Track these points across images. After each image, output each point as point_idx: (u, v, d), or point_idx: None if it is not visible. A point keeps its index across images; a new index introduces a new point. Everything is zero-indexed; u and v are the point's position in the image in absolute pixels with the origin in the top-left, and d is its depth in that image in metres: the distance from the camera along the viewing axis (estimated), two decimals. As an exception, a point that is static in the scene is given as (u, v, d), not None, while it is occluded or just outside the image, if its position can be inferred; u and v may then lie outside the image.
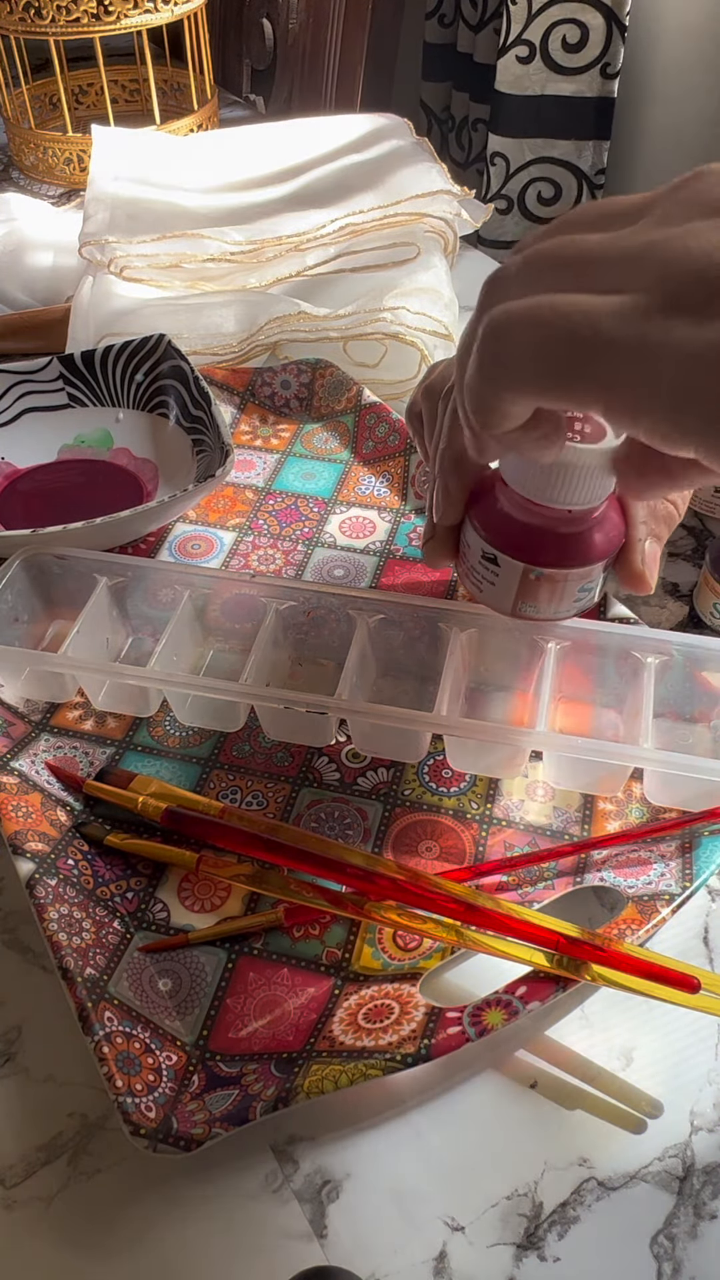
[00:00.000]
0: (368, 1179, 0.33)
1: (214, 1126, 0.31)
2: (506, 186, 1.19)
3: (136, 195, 0.73)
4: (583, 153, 1.16)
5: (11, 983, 0.38)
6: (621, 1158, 0.33)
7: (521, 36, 1.08)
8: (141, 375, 0.60)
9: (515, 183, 1.19)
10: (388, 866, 0.39)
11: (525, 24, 1.08)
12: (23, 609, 0.47)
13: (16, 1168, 0.33)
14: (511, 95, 1.13)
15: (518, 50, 1.10)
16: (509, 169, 1.18)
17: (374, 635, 0.45)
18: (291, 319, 0.63)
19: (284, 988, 0.37)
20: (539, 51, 1.09)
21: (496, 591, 0.37)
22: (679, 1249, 0.31)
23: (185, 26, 0.91)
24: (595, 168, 1.17)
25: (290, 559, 0.54)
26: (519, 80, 1.12)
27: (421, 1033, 0.33)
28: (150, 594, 0.47)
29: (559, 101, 1.13)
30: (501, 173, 1.19)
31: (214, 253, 0.67)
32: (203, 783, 0.44)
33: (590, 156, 1.16)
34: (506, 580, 0.36)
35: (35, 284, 0.74)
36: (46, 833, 0.40)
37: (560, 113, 1.13)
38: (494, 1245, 0.32)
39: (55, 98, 0.98)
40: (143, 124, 0.89)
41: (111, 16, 0.85)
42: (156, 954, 0.38)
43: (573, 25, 1.07)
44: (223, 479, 0.51)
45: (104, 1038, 0.33)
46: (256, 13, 1.24)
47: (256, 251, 0.68)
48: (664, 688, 0.42)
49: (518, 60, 1.10)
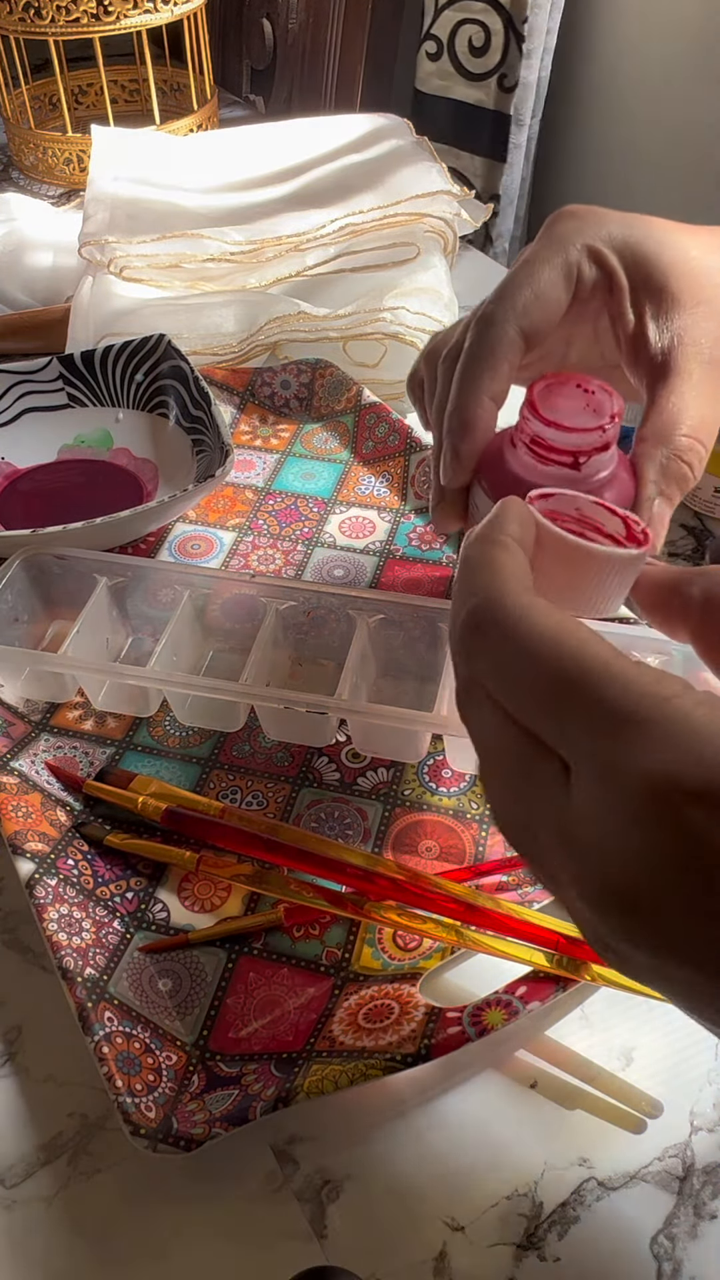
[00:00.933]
0: (368, 1179, 0.33)
1: (214, 1126, 0.31)
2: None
3: (136, 195, 0.73)
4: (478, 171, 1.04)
5: (11, 983, 0.38)
6: (621, 1158, 0.33)
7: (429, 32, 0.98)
8: (141, 375, 0.60)
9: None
10: (388, 866, 0.39)
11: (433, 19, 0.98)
12: (23, 609, 0.47)
13: (16, 1168, 0.33)
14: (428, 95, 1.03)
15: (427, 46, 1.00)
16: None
17: (374, 635, 0.45)
18: (291, 319, 0.63)
19: (284, 988, 0.37)
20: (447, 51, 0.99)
21: None
22: (679, 1249, 0.31)
23: (185, 26, 0.91)
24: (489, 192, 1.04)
25: (290, 559, 0.54)
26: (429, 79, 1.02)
27: (421, 1033, 0.33)
28: (150, 594, 0.47)
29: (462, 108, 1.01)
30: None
31: (214, 253, 0.67)
32: (203, 783, 0.44)
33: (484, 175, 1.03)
34: None
35: (35, 284, 0.74)
36: (46, 833, 0.40)
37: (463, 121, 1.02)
38: (494, 1245, 0.32)
39: (55, 98, 0.98)
40: (143, 124, 0.89)
41: (111, 16, 0.85)
42: (156, 954, 0.38)
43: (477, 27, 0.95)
44: (223, 479, 0.51)
45: (104, 1038, 0.33)
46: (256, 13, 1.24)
47: (256, 251, 0.68)
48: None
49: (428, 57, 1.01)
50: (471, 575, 0.23)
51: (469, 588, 0.23)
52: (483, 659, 0.22)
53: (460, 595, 0.24)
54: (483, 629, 0.22)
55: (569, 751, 0.21)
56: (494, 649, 0.22)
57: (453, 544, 0.54)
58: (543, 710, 0.21)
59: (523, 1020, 0.34)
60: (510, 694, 0.22)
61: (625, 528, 0.26)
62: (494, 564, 0.23)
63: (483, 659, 0.22)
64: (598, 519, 0.27)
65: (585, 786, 0.21)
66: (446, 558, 0.53)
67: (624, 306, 0.37)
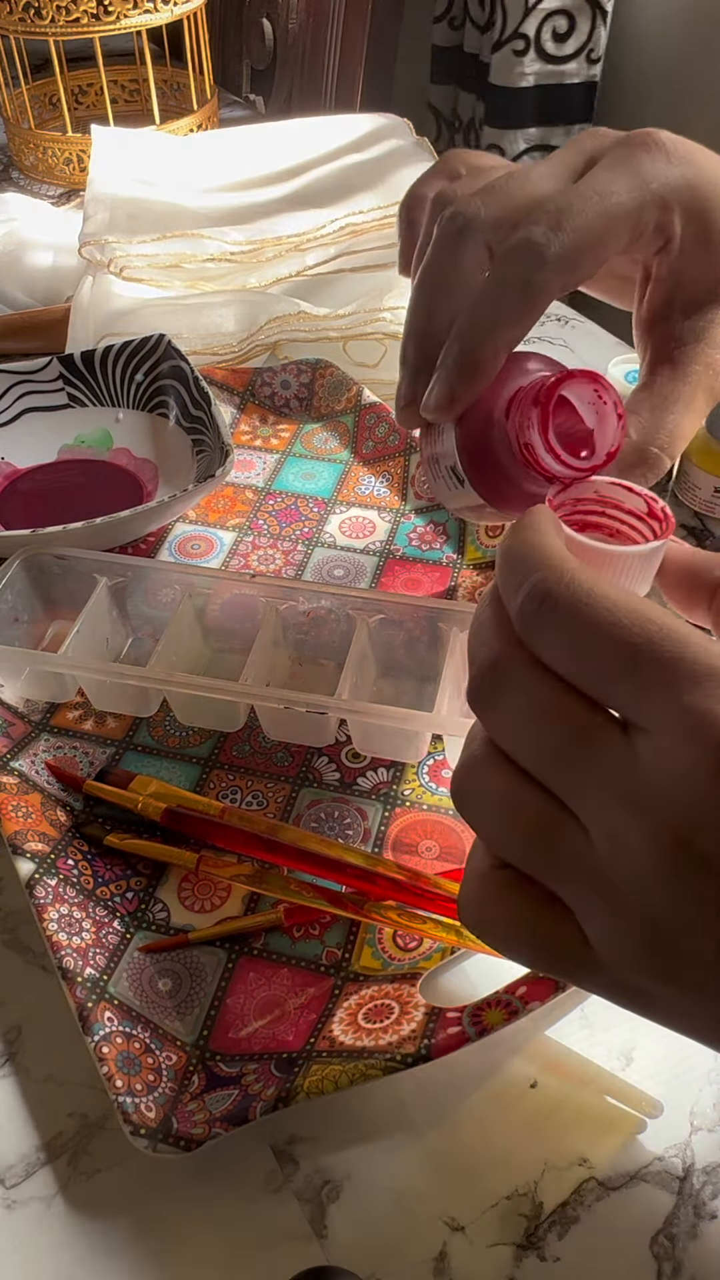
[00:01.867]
0: (368, 1179, 0.33)
1: (214, 1126, 0.31)
2: None
3: (136, 195, 0.73)
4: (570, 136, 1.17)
5: (11, 983, 0.38)
6: (621, 1158, 0.33)
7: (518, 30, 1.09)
8: (141, 375, 0.60)
9: None
10: (388, 866, 0.39)
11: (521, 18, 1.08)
12: (23, 609, 0.47)
13: (16, 1168, 0.33)
14: (505, 88, 1.14)
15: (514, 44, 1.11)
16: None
17: (374, 635, 0.45)
18: (291, 319, 0.63)
19: (284, 988, 0.37)
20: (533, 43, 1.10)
21: (448, 496, 0.36)
22: (679, 1249, 0.31)
23: (185, 26, 0.91)
24: None
25: (290, 559, 0.54)
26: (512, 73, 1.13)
27: (421, 1033, 0.33)
28: (150, 594, 0.47)
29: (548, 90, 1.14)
30: None
31: (214, 253, 0.67)
32: (203, 783, 0.44)
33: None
34: (462, 499, 0.35)
35: (35, 284, 0.74)
36: (46, 833, 0.40)
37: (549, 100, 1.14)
38: (494, 1245, 0.32)
39: (55, 98, 0.98)
40: (143, 124, 0.89)
41: (111, 16, 0.84)
42: (156, 954, 0.38)
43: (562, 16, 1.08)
44: (223, 479, 0.51)
45: (104, 1038, 0.33)
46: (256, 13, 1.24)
47: (256, 251, 0.68)
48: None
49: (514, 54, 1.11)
50: (521, 560, 0.23)
51: (521, 570, 0.23)
52: (553, 629, 0.22)
53: (511, 577, 0.23)
54: (553, 598, 0.22)
55: (646, 708, 0.21)
56: (567, 617, 0.22)
57: (452, 544, 0.54)
58: (623, 668, 0.21)
59: (523, 1020, 0.34)
60: (583, 659, 0.22)
61: (646, 505, 0.26)
62: (545, 547, 0.23)
63: (553, 629, 0.22)
64: (617, 498, 0.27)
65: (663, 744, 0.21)
66: (446, 558, 0.54)
67: (664, 271, 0.34)
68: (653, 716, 0.21)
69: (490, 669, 0.24)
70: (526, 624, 0.23)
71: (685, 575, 0.26)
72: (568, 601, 0.22)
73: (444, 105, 1.38)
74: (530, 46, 1.11)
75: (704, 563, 0.26)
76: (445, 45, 1.32)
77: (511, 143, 1.18)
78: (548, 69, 1.13)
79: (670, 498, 0.59)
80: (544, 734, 0.23)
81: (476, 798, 0.24)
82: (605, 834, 0.21)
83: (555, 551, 0.23)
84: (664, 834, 0.20)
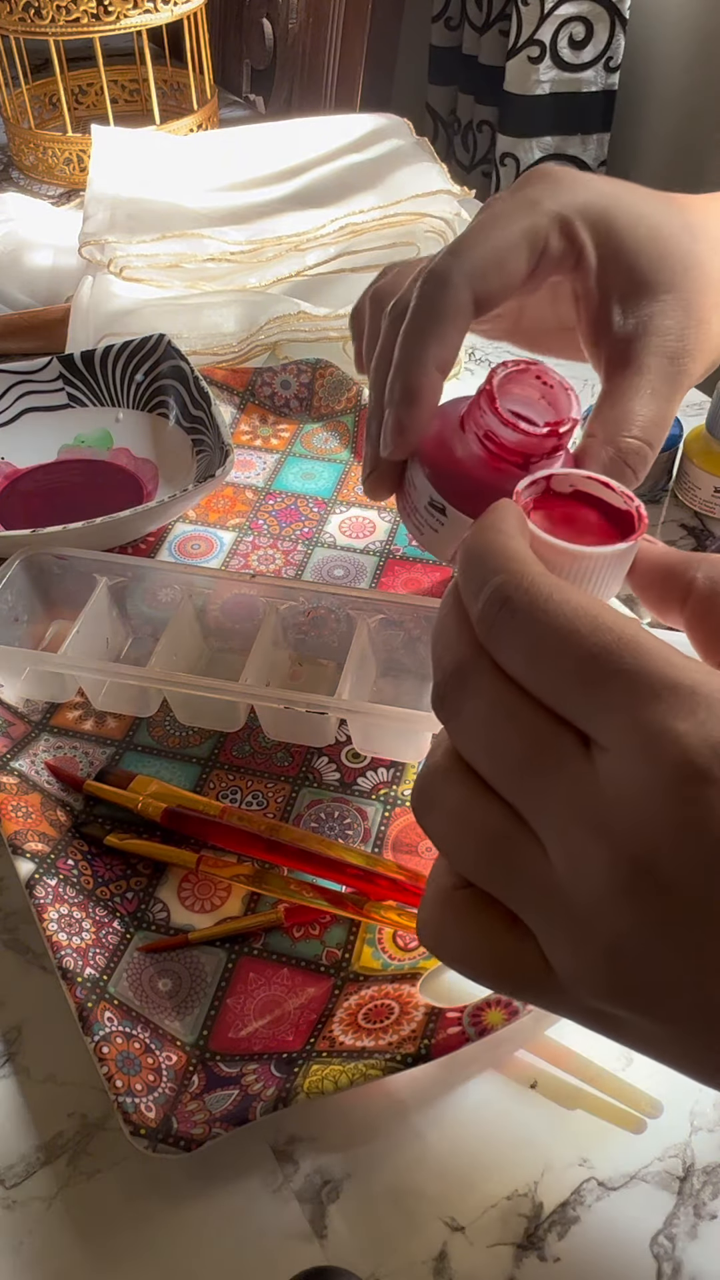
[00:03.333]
0: (368, 1179, 0.33)
1: (214, 1126, 0.31)
2: None
3: (136, 195, 0.73)
4: (587, 146, 1.17)
5: (11, 983, 0.38)
6: (621, 1158, 0.33)
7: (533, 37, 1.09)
8: (141, 375, 0.60)
9: None
10: (388, 866, 0.39)
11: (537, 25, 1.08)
12: (23, 609, 0.47)
13: (16, 1168, 0.33)
14: (520, 95, 1.13)
15: (529, 51, 1.10)
16: (519, 169, 1.19)
17: (374, 635, 0.45)
18: (291, 319, 0.63)
19: (284, 988, 0.37)
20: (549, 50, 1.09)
21: (439, 540, 0.36)
22: (679, 1249, 0.31)
23: (185, 26, 0.91)
24: (598, 159, 1.18)
25: (290, 559, 0.54)
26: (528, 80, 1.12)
27: (421, 1033, 0.33)
28: (150, 594, 0.47)
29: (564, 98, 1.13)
30: (511, 173, 1.19)
31: (214, 253, 0.67)
32: (203, 783, 0.44)
33: (594, 149, 1.17)
34: (452, 531, 0.35)
35: (35, 284, 0.74)
36: (46, 833, 0.40)
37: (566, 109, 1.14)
38: (494, 1245, 0.31)
39: (55, 98, 0.98)
40: (143, 124, 0.89)
41: (111, 16, 0.85)
42: (156, 954, 0.38)
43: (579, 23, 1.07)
44: (223, 479, 0.51)
45: (104, 1038, 0.33)
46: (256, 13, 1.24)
47: (256, 251, 0.68)
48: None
49: (529, 60, 1.10)
50: (482, 561, 0.22)
51: (482, 573, 0.22)
52: (511, 635, 0.21)
53: (472, 580, 0.23)
54: (512, 604, 0.21)
55: (603, 723, 0.20)
56: (524, 623, 0.21)
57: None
58: (581, 680, 0.20)
59: (523, 1020, 0.34)
60: (541, 668, 0.21)
61: (622, 503, 0.26)
62: (507, 550, 0.22)
63: (511, 635, 0.21)
64: (593, 492, 0.26)
65: (621, 761, 0.20)
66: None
67: (590, 285, 0.35)
68: (610, 732, 0.20)
69: (453, 675, 0.23)
70: (487, 630, 0.22)
71: (658, 575, 0.25)
72: (527, 607, 0.21)
73: (442, 106, 1.38)
74: (546, 53, 1.09)
75: (678, 563, 0.25)
76: (443, 45, 1.32)
77: (527, 151, 1.17)
78: (564, 76, 1.11)
79: (670, 498, 0.59)
80: (504, 745, 0.22)
81: (435, 808, 0.23)
82: (563, 853, 0.21)
83: (517, 553, 0.22)
84: (622, 856, 0.19)
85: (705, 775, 0.19)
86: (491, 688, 0.22)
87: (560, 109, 1.14)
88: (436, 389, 0.34)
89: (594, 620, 0.20)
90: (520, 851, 0.21)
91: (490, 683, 0.22)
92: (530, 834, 0.21)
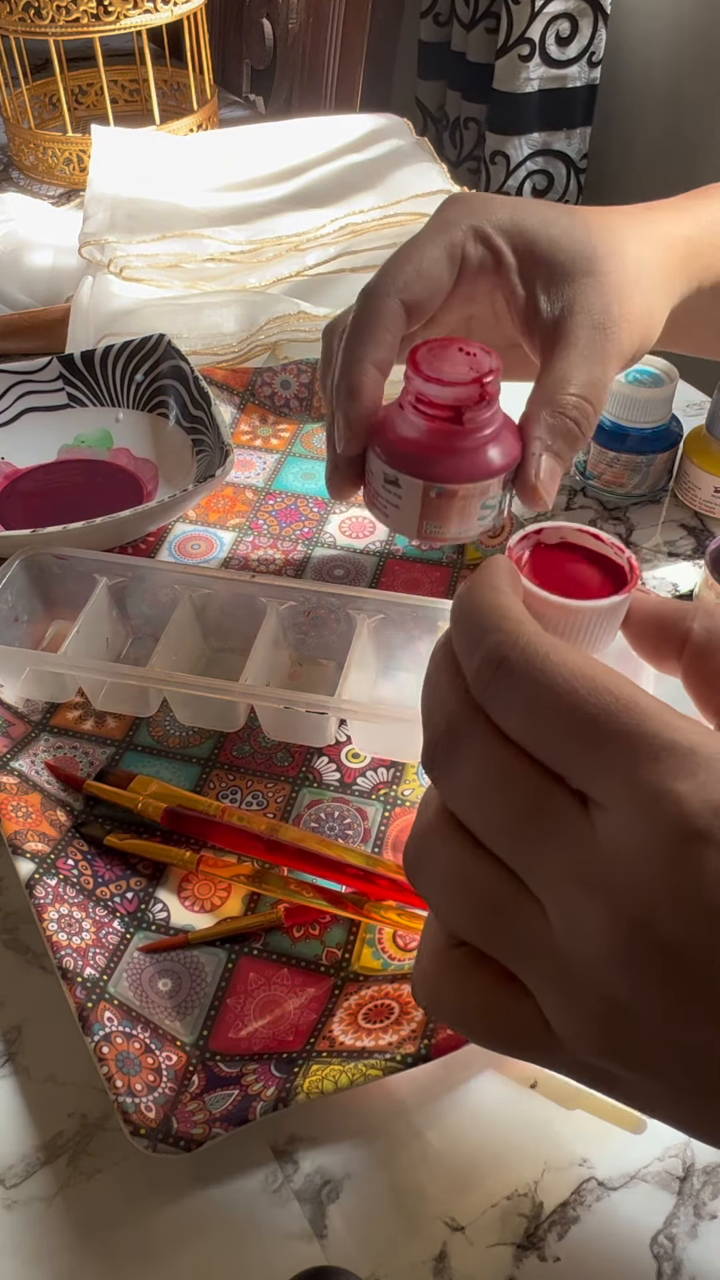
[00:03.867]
0: (368, 1179, 0.33)
1: (214, 1126, 0.31)
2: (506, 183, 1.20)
3: (136, 195, 0.73)
4: (571, 140, 1.17)
5: (11, 983, 0.38)
6: (621, 1158, 0.33)
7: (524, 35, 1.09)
8: (141, 375, 0.60)
9: (514, 178, 1.20)
10: (388, 866, 0.39)
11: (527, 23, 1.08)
12: (23, 609, 0.47)
13: (16, 1168, 0.33)
14: (509, 93, 1.13)
15: (519, 49, 1.10)
16: (509, 166, 1.19)
17: (374, 635, 0.45)
18: (291, 319, 0.63)
19: (284, 988, 0.37)
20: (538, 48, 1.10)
21: (401, 514, 0.37)
22: (679, 1249, 0.31)
23: (185, 26, 0.91)
24: (580, 152, 1.19)
25: (290, 559, 0.54)
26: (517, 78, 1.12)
27: (421, 1033, 0.33)
28: (150, 594, 0.47)
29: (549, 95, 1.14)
30: (502, 171, 1.19)
31: (214, 253, 0.67)
32: (203, 783, 0.44)
33: (577, 143, 1.18)
34: (409, 501, 0.36)
35: (35, 284, 0.74)
36: (46, 833, 0.40)
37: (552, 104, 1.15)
38: (494, 1245, 0.32)
39: (55, 98, 0.98)
40: (143, 124, 0.89)
41: (111, 16, 0.85)
42: (156, 954, 0.38)
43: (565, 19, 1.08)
44: (223, 479, 0.51)
45: (104, 1038, 0.33)
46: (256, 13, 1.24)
47: (256, 251, 0.68)
48: (665, 686, 0.42)
49: (519, 59, 1.11)
50: (477, 619, 0.22)
51: (477, 631, 0.22)
52: (508, 695, 0.21)
53: (466, 637, 0.23)
54: (509, 664, 0.21)
55: (602, 783, 0.20)
56: (522, 683, 0.21)
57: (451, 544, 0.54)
58: (580, 740, 0.20)
59: (523, 1020, 0.34)
60: (540, 728, 0.21)
61: (613, 555, 0.26)
62: (501, 608, 0.22)
63: (508, 695, 0.21)
64: (585, 544, 0.26)
65: (620, 821, 0.20)
66: (446, 558, 0.54)
67: (513, 282, 0.38)
68: (609, 792, 0.20)
69: (446, 734, 0.23)
70: (482, 689, 0.22)
71: (653, 626, 0.25)
72: (524, 667, 0.21)
73: (431, 101, 1.38)
74: (535, 51, 1.10)
75: (673, 613, 0.25)
76: (431, 41, 1.32)
77: (516, 149, 1.18)
78: (551, 73, 1.12)
79: (670, 498, 0.59)
80: (500, 805, 0.22)
81: (429, 869, 0.23)
82: (561, 913, 0.21)
83: (511, 611, 0.22)
84: (621, 916, 0.19)
85: (705, 835, 0.19)
86: (487, 747, 0.22)
87: (546, 105, 1.15)
88: (376, 383, 0.36)
89: (592, 681, 0.21)
90: (517, 911, 0.21)
91: (485, 742, 0.22)
92: (526, 893, 0.21)
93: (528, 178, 1.20)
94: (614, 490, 0.58)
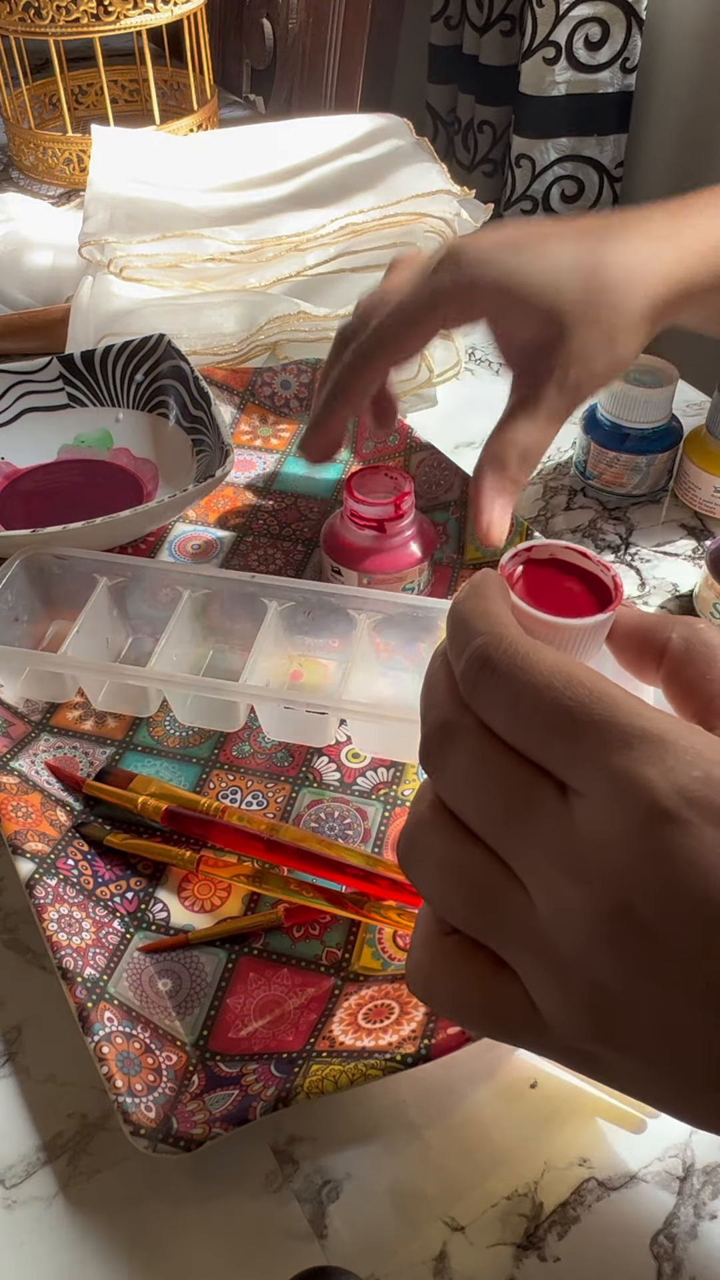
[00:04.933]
0: (368, 1179, 0.33)
1: (214, 1126, 0.31)
2: (531, 187, 1.19)
3: (136, 195, 0.73)
4: (603, 147, 1.16)
5: (11, 983, 0.38)
6: (621, 1158, 0.33)
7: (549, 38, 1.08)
8: (141, 375, 0.60)
9: (539, 182, 1.19)
10: (388, 866, 0.39)
11: (552, 26, 1.07)
12: (23, 609, 0.47)
13: (16, 1168, 0.33)
14: (535, 97, 1.12)
15: (544, 52, 1.09)
16: (534, 170, 1.18)
17: (374, 635, 0.45)
18: (291, 319, 0.63)
19: (284, 988, 0.37)
20: (564, 52, 1.09)
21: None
22: (679, 1249, 0.31)
23: (185, 26, 0.91)
24: (615, 160, 1.18)
25: (290, 559, 0.54)
26: (543, 81, 1.11)
27: (421, 1033, 0.33)
28: (150, 594, 0.47)
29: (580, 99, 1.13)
30: (527, 174, 1.19)
31: (214, 253, 0.67)
32: (203, 783, 0.44)
33: (610, 150, 1.17)
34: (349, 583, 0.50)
35: (35, 284, 0.74)
36: (46, 833, 0.40)
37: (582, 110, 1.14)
38: (494, 1245, 0.32)
39: (55, 98, 0.98)
40: (143, 124, 0.89)
41: (111, 16, 0.84)
42: (156, 954, 0.38)
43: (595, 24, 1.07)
44: (223, 479, 0.51)
45: (104, 1038, 0.33)
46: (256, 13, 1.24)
47: (256, 251, 0.68)
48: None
49: (544, 62, 1.10)
50: (467, 624, 0.24)
51: (466, 634, 0.24)
52: (492, 693, 0.23)
53: (456, 640, 0.24)
54: (492, 663, 0.23)
55: (578, 771, 0.21)
56: (505, 681, 0.22)
57: (452, 544, 0.54)
58: (557, 731, 0.22)
59: (523, 1020, 0.34)
60: (520, 721, 0.22)
61: (601, 569, 0.27)
62: (490, 614, 0.24)
63: (492, 693, 0.23)
64: (572, 561, 0.28)
65: (596, 807, 0.21)
66: (447, 558, 0.54)
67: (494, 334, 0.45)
68: (586, 780, 0.21)
69: (439, 730, 0.24)
70: (469, 688, 0.23)
71: (635, 639, 0.27)
72: (506, 665, 0.22)
73: (441, 105, 1.38)
74: (561, 54, 1.09)
75: (653, 626, 0.26)
76: (442, 44, 1.32)
77: (542, 153, 1.16)
78: (579, 77, 1.11)
79: (670, 498, 0.59)
80: (487, 796, 0.23)
81: (422, 859, 0.24)
82: (546, 898, 0.21)
83: (497, 616, 0.24)
84: (601, 899, 0.20)
85: (673, 817, 0.20)
86: (475, 741, 0.23)
87: (576, 110, 1.14)
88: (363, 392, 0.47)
89: (568, 677, 0.22)
90: (505, 897, 0.22)
91: (473, 737, 0.23)
92: (515, 880, 0.22)
93: (555, 183, 1.19)
94: (614, 490, 0.58)
